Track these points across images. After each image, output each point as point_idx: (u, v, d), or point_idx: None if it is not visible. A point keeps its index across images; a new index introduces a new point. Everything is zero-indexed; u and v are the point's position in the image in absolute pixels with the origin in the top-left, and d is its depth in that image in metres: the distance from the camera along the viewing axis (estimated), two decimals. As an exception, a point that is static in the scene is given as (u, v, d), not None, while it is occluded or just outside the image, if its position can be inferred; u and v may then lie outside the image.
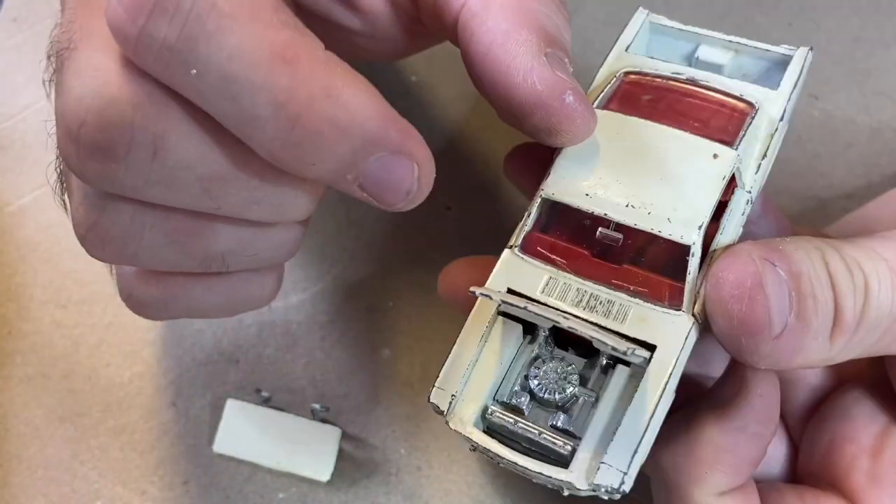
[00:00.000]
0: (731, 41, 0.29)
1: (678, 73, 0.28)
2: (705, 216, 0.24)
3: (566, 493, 0.24)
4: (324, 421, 0.35)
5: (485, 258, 0.30)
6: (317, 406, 0.35)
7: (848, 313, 0.24)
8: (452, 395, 0.25)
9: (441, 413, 0.25)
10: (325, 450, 0.35)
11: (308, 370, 0.37)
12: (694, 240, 0.24)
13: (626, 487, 0.23)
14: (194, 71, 0.20)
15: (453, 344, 0.25)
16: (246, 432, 0.35)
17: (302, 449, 0.35)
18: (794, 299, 0.23)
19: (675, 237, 0.24)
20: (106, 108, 0.21)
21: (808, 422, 0.30)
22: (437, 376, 0.25)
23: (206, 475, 0.35)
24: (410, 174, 0.23)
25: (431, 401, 0.25)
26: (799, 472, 0.29)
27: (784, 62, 0.29)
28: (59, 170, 0.26)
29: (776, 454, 0.30)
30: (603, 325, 0.24)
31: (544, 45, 0.25)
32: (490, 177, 0.40)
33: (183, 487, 0.35)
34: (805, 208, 0.39)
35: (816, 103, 0.41)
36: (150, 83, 0.21)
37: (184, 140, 0.22)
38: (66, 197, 0.26)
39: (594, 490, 0.23)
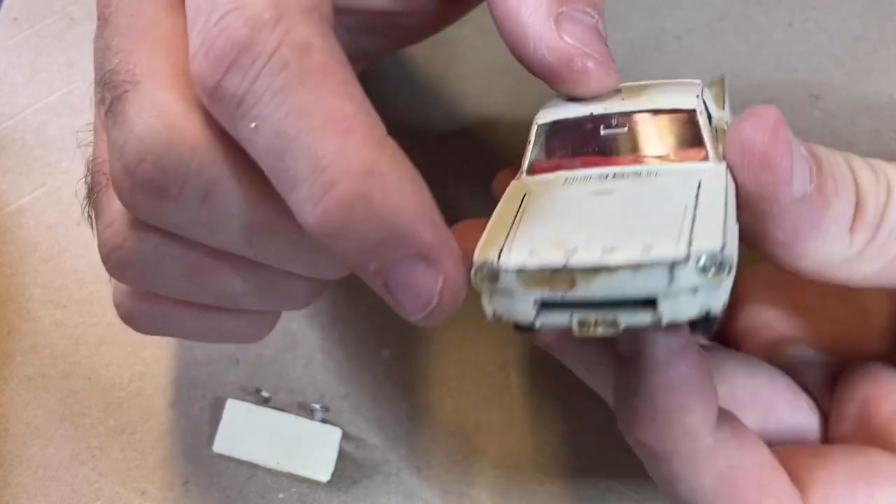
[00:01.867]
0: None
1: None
2: (700, 87, 0.24)
3: (645, 317, 0.21)
4: (324, 421, 0.35)
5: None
6: (317, 406, 0.35)
7: (870, 205, 0.24)
8: (499, 249, 0.22)
9: (489, 273, 0.21)
10: (325, 450, 0.35)
11: (308, 370, 0.37)
12: (695, 104, 0.24)
13: (729, 253, 0.20)
14: (253, 124, 0.21)
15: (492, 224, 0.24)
16: (246, 432, 0.35)
17: (302, 449, 0.35)
18: (814, 172, 0.23)
19: (678, 105, 0.24)
20: (167, 150, 0.22)
21: (833, 392, 0.29)
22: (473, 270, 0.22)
23: (206, 475, 0.35)
24: (432, 286, 0.21)
25: (475, 262, 0.22)
26: (831, 440, 0.29)
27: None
28: (89, 185, 0.26)
29: (809, 426, 0.29)
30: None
31: (557, 4, 0.24)
32: (490, 176, 0.40)
33: (183, 488, 0.35)
34: (806, 208, 0.39)
35: (817, 103, 0.41)
36: (211, 130, 0.22)
37: (234, 189, 0.22)
38: (92, 214, 0.26)
39: (696, 262, 0.20)
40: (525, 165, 0.25)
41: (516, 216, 0.23)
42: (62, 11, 0.45)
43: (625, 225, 0.21)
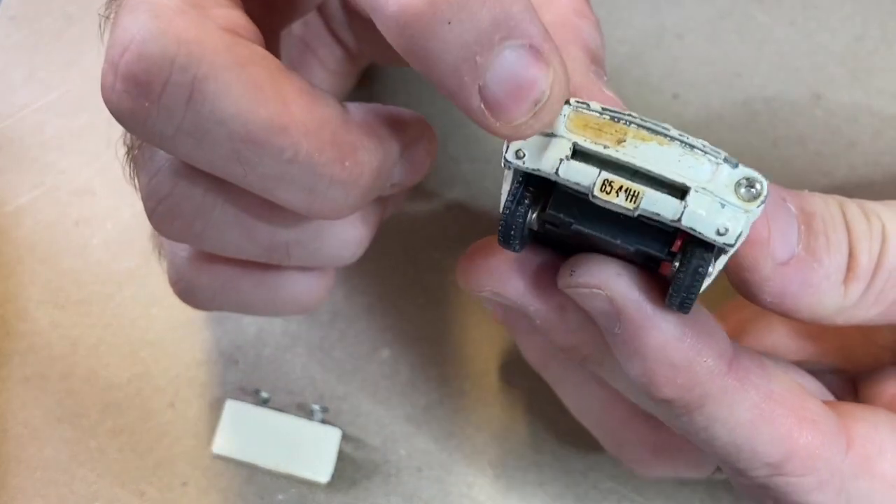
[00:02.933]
0: None
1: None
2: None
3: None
4: (323, 421, 0.35)
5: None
6: (317, 407, 0.35)
7: (863, 256, 0.23)
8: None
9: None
10: (324, 451, 0.35)
11: (308, 370, 0.37)
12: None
13: (764, 196, 0.20)
14: None
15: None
16: (245, 433, 0.35)
17: (301, 450, 0.35)
18: (802, 232, 0.23)
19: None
20: (150, 40, 0.21)
21: (858, 391, 0.29)
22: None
23: (205, 476, 0.35)
24: (544, 79, 0.20)
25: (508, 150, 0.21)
26: None
27: None
28: (128, 143, 0.25)
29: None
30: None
31: (590, 62, 0.24)
32: (490, 176, 0.40)
33: (182, 489, 0.35)
34: (807, 208, 0.39)
35: (819, 102, 0.41)
36: (203, 26, 0.21)
37: (222, 89, 0.21)
38: (134, 172, 0.25)
39: (740, 174, 0.20)
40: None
41: None
42: (60, 10, 0.45)
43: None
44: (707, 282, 0.21)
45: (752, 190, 0.20)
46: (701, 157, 0.20)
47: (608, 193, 0.20)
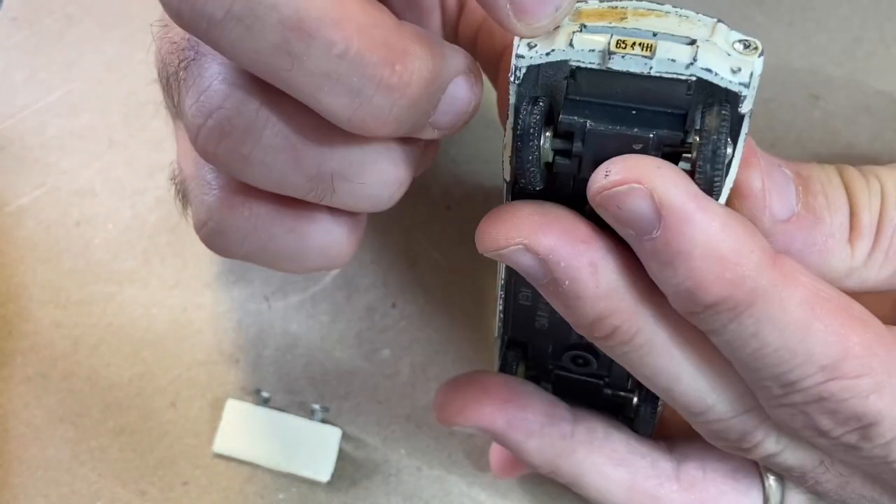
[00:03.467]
0: None
1: None
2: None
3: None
4: (324, 421, 0.35)
5: (481, 375, 0.31)
6: (317, 406, 0.35)
7: (864, 214, 0.23)
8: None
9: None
10: (325, 450, 0.35)
11: (308, 370, 0.37)
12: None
13: (760, 52, 0.21)
14: None
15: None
16: (246, 433, 0.35)
17: (302, 449, 0.35)
18: (800, 192, 0.23)
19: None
20: None
21: None
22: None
23: (205, 476, 0.35)
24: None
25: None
26: None
27: None
28: (173, 66, 0.25)
29: None
30: None
31: None
32: (490, 177, 0.40)
33: (183, 488, 0.35)
34: (805, 208, 0.39)
35: (817, 103, 0.41)
36: None
37: None
38: (178, 96, 0.25)
39: (735, 34, 0.21)
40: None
41: None
42: (61, 11, 0.45)
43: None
44: (732, 166, 0.21)
45: (749, 47, 0.21)
46: (697, 22, 0.21)
47: (624, 48, 0.21)
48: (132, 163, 0.41)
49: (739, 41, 0.21)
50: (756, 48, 0.21)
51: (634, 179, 0.21)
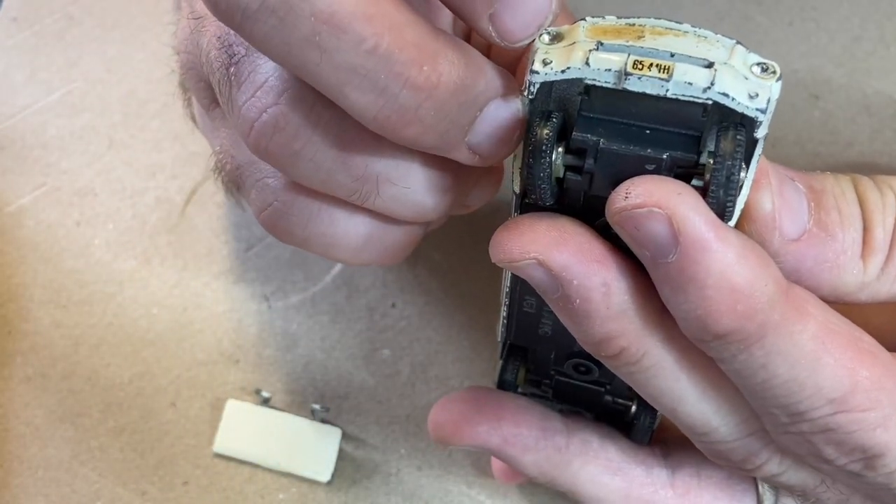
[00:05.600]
0: None
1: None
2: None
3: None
4: (324, 421, 0.35)
5: (474, 392, 0.31)
6: (317, 406, 0.35)
7: (878, 230, 0.23)
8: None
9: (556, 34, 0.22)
10: (325, 450, 0.35)
11: (308, 370, 0.37)
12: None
13: (777, 77, 0.21)
14: None
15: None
16: (246, 433, 0.35)
17: (302, 449, 0.35)
18: (812, 208, 0.23)
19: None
20: None
21: None
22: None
23: (205, 476, 0.35)
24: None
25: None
26: None
27: None
28: (222, 63, 0.25)
29: None
30: None
31: None
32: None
33: (183, 488, 0.35)
34: (805, 208, 0.39)
35: (817, 103, 0.41)
36: None
37: None
38: (229, 90, 0.25)
39: (753, 56, 0.21)
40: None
41: None
42: (62, 11, 0.45)
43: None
44: (744, 188, 0.21)
45: (767, 70, 0.21)
46: (715, 43, 0.21)
47: (641, 70, 0.20)
48: (132, 163, 0.41)
49: (757, 64, 0.21)
50: (774, 72, 0.21)
51: (654, 203, 0.21)
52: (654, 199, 0.21)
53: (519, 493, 0.35)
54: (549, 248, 0.22)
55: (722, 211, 0.21)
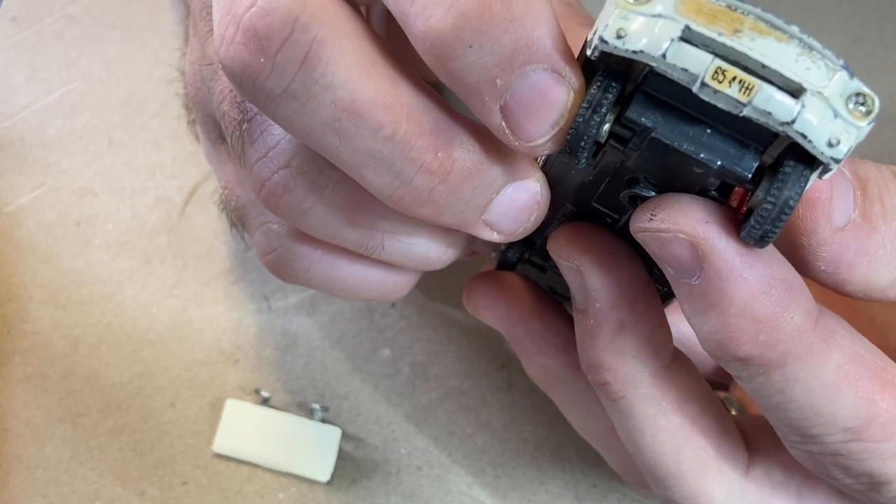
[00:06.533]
0: None
1: None
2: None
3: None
4: (324, 421, 0.35)
5: (517, 278, 0.31)
6: (317, 406, 0.35)
7: None
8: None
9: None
10: (325, 450, 0.35)
11: (308, 370, 0.37)
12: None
13: (875, 115, 0.18)
14: None
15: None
16: (246, 432, 0.35)
17: (302, 449, 0.35)
18: (858, 198, 0.22)
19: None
20: None
21: None
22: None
23: (205, 475, 0.35)
24: (563, 99, 0.20)
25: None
26: None
27: None
28: (237, 120, 0.26)
29: None
30: None
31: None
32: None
33: (182, 488, 0.35)
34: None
35: (817, 103, 0.41)
36: None
37: (338, 55, 0.21)
38: (242, 145, 0.25)
39: (855, 85, 0.18)
40: None
41: None
42: (61, 11, 0.45)
43: None
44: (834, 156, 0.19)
45: (863, 107, 0.18)
46: (819, 60, 0.18)
47: (720, 83, 0.18)
48: (132, 163, 0.41)
49: (857, 95, 0.18)
50: (870, 111, 0.18)
51: (679, 230, 0.20)
52: (680, 227, 0.20)
53: (519, 493, 0.35)
54: (593, 266, 0.23)
55: (760, 240, 0.20)
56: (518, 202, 0.23)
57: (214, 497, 0.35)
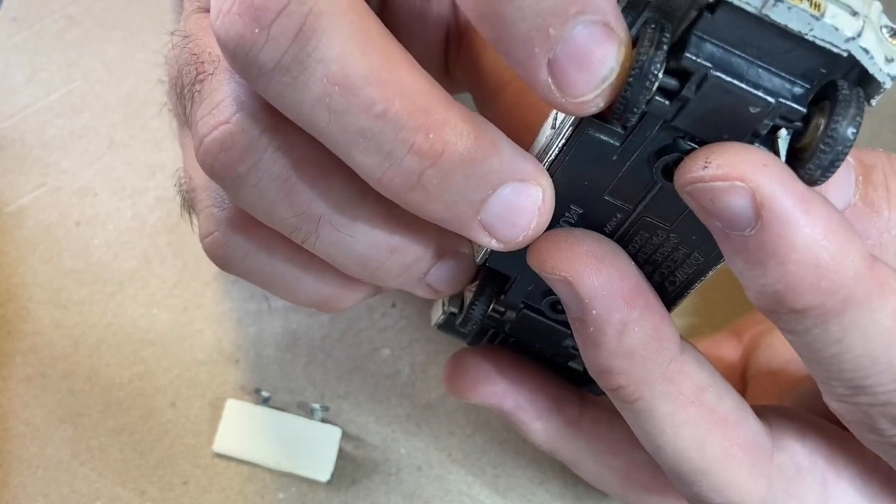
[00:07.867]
0: None
1: None
2: None
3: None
4: (324, 421, 0.35)
5: (494, 351, 0.30)
6: (317, 406, 0.35)
7: None
8: None
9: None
10: (325, 450, 0.35)
11: (308, 370, 0.37)
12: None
13: None
14: None
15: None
16: (246, 432, 0.35)
17: (302, 449, 0.35)
18: (860, 182, 0.22)
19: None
20: None
21: None
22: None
23: (205, 475, 0.35)
24: (613, 53, 0.19)
25: None
26: None
27: None
28: (189, 78, 0.25)
29: None
30: None
31: None
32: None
33: (182, 488, 0.35)
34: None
35: (816, 103, 0.41)
36: None
37: (333, 28, 0.20)
38: (192, 105, 0.25)
39: None
40: None
41: None
42: (61, 11, 0.45)
43: None
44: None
45: (893, 38, 0.19)
46: None
47: None
48: (132, 163, 0.41)
49: (887, 27, 0.19)
50: None
51: (738, 177, 0.19)
52: (738, 172, 0.19)
53: (519, 493, 0.35)
54: (582, 273, 0.22)
55: (823, 175, 0.19)
56: (516, 205, 0.22)
57: (215, 497, 0.35)
